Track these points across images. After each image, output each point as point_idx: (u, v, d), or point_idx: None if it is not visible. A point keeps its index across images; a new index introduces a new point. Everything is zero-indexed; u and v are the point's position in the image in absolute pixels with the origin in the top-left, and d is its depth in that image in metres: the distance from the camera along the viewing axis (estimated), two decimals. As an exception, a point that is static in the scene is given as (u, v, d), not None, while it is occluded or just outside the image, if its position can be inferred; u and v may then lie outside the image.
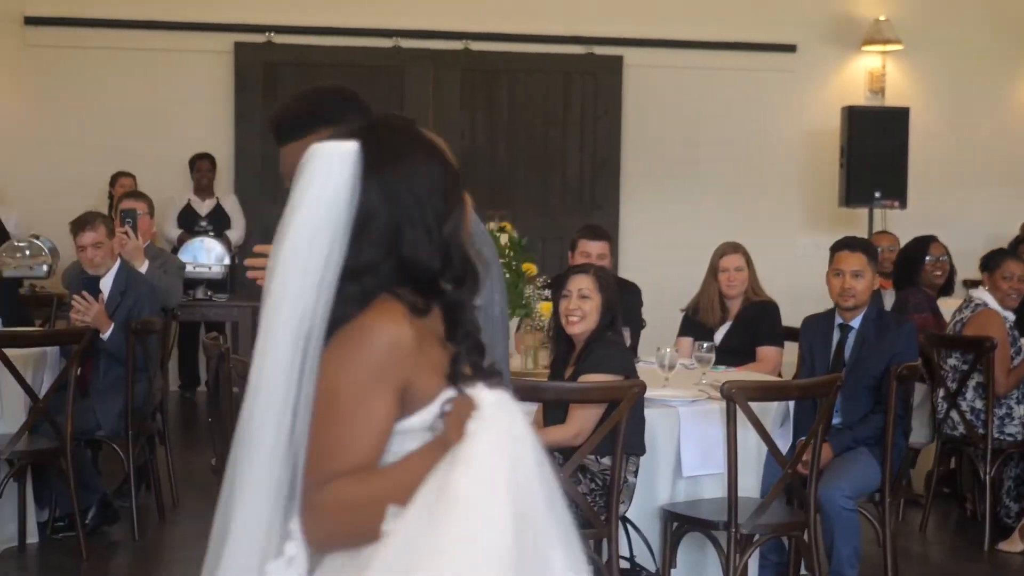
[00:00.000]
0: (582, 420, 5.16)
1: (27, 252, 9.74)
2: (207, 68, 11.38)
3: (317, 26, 11.62)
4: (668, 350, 5.96)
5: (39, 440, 6.76)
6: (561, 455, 5.14)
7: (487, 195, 11.62)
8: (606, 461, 5.17)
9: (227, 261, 9.87)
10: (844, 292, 6.08)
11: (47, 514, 7.13)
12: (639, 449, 5.30)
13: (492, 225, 9.50)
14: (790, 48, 12.11)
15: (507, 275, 6.38)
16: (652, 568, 5.54)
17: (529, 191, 11.91)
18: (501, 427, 2.21)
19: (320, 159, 2.33)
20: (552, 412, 5.32)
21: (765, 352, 7.09)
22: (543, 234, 11.30)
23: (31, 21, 11.34)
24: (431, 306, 2.33)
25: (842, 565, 5.73)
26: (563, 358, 5.51)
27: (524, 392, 4.92)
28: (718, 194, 12.07)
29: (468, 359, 2.36)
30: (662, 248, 11.69)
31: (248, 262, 3.47)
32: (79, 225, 7.19)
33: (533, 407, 5.35)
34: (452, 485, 2.15)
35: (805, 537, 5.47)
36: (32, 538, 6.92)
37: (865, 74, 12.24)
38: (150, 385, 7.38)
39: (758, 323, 7.15)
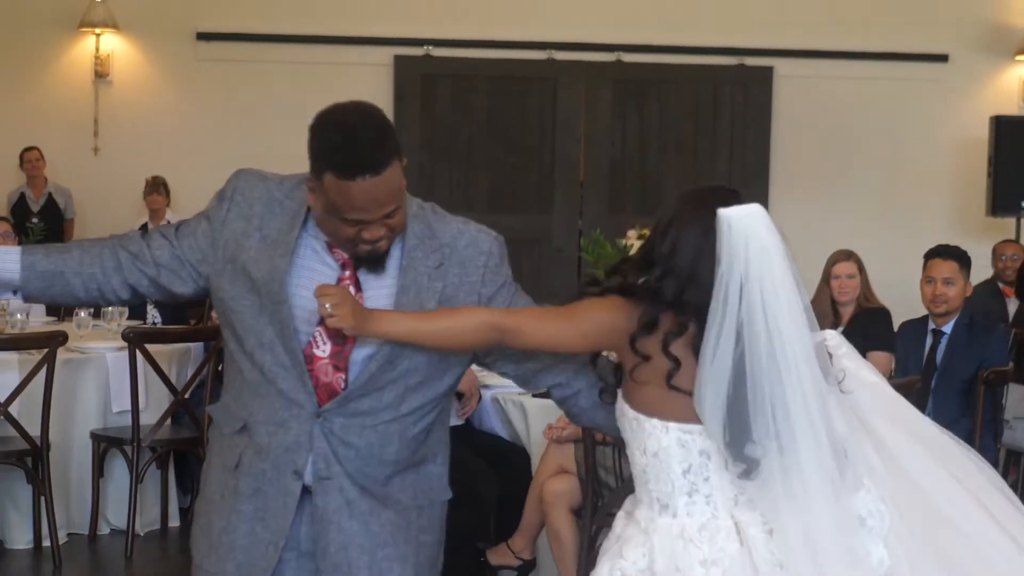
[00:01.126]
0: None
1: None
2: (368, 80, 11.80)
3: (473, 39, 11.99)
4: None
5: (181, 430, 7.24)
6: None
7: (637, 204, 11.90)
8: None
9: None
10: (936, 298, 6.23)
11: (189, 500, 7.60)
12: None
13: (632, 233, 9.81)
14: (942, 58, 12.11)
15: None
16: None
17: (679, 199, 12.10)
18: None
19: (749, 220, 3.07)
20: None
21: (875, 357, 7.18)
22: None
23: (203, 37, 11.96)
24: None
25: (928, 565, 5.87)
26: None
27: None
28: (867, 203, 12.10)
29: None
30: (810, 256, 11.71)
31: None
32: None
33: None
34: None
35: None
36: (173, 521, 7.41)
37: (1019, 84, 12.18)
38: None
39: (869, 329, 7.26)
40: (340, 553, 3.18)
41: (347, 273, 3.18)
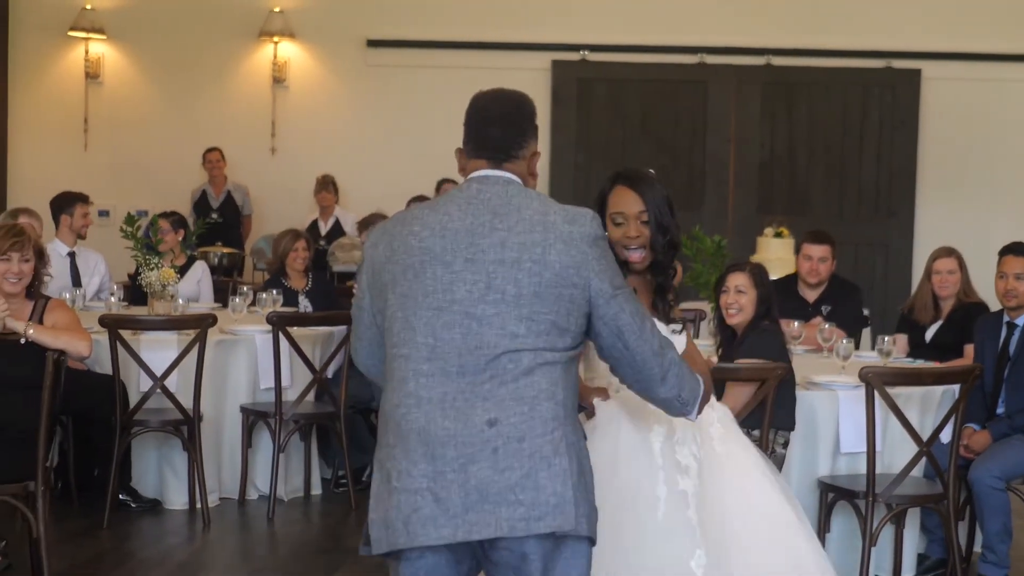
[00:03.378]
0: (735, 397, 5.88)
1: (355, 252, 11.04)
2: (526, 84, 12.06)
3: (627, 44, 12.52)
4: (844, 342, 6.62)
5: (323, 407, 7.91)
6: (718, 427, 5.89)
7: (785, 203, 12.29)
8: (756, 433, 5.88)
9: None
10: (1007, 293, 6.59)
11: (332, 472, 8.27)
12: (788, 424, 5.97)
13: (769, 230, 10.20)
14: (1091, 59, 12.24)
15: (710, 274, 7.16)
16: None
17: (826, 199, 12.47)
18: None
19: None
20: (715, 390, 6.06)
21: (970, 350, 7.56)
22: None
23: (372, 43, 12.74)
24: None
25: (991, 539, 6.26)
26: (727, 344, 6.24)
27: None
28: (1016, 206, 12.29)
29: None
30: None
31: None
32: (364, 225, 8.35)
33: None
34: None
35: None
36: (315, 490, 8.11)
37: None
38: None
39: (967, 323, 7.59)
40: None
41: None
